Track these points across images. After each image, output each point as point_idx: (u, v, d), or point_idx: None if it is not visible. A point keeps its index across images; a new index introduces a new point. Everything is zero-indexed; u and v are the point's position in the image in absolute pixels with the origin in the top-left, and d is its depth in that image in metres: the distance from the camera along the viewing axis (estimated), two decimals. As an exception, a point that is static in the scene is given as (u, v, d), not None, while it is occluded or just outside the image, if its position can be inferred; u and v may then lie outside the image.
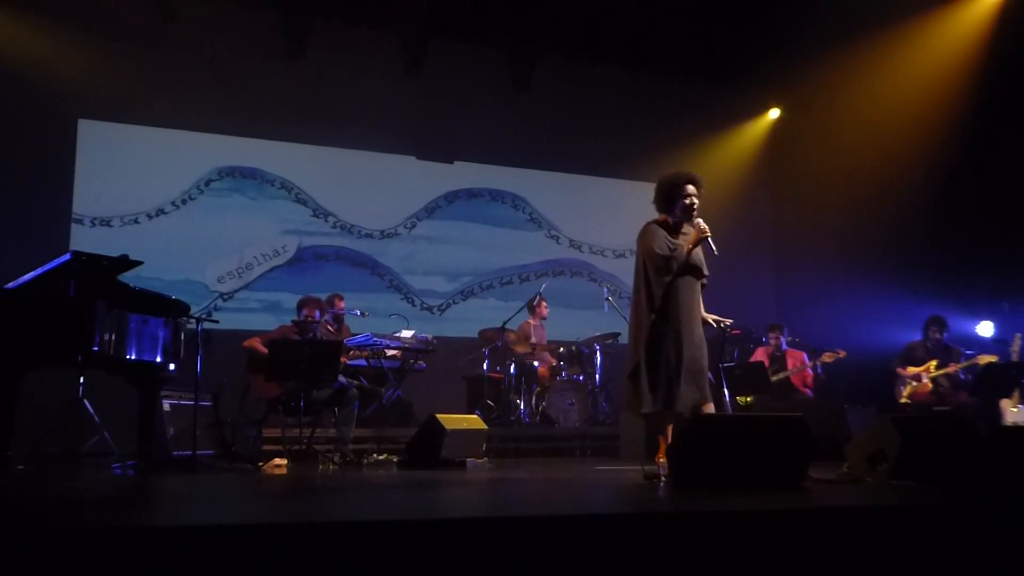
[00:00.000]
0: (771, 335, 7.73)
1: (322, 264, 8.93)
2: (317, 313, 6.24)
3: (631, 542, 2.30)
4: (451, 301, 9.39)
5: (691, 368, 4.10)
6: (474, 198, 9.68)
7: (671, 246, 4.20)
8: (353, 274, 9.01)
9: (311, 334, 6.17)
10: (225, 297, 8.51)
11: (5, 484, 3.90)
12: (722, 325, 4.42)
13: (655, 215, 4.39)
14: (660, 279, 4.15)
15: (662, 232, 4.25)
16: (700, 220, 4.22)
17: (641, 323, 4.19)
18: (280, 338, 6.05)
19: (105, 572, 1.92)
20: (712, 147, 10.08)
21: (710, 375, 4.33)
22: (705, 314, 4.33)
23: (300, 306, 6.29)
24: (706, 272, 4.32)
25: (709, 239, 4.18)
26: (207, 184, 8.68)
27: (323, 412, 6.01)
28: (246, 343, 6.09)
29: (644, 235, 4.30)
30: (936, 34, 8.05)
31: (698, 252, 4.27)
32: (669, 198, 4.30)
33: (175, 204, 8.52)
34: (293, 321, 6.24)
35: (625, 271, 9.82)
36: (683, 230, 4.30)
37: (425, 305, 9.28)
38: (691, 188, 4.27)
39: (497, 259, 9.66)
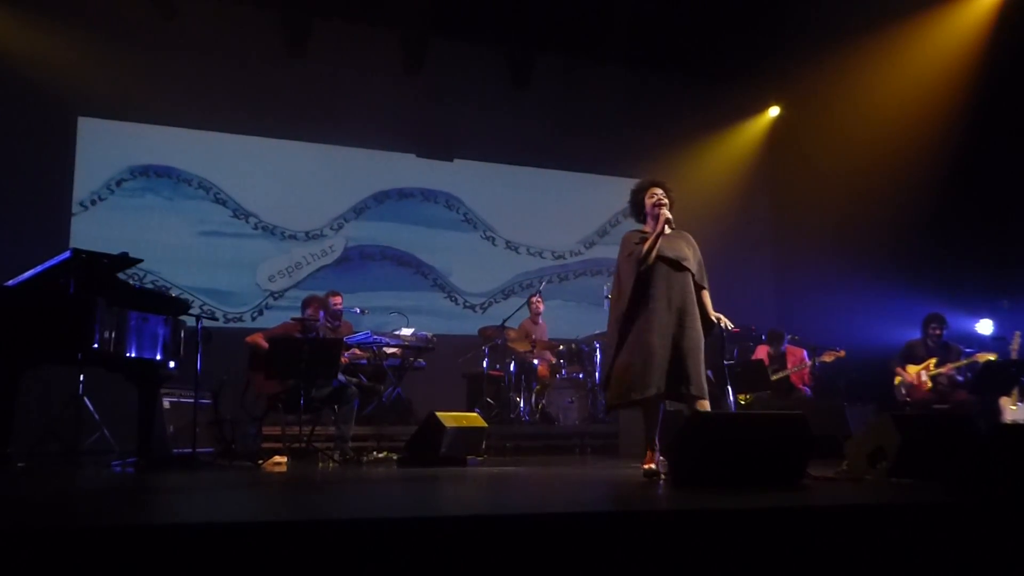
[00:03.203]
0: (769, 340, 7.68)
1: (368, 263, 9.09)
2: (322, 314, 6.27)
3: (631, 540, 2.31)
4: (492, 300, 9.53)
5: (653, 357, 4.08)
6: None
7: (635, 243, 4.29)
8: (398, 273, 9.17)
9: (313, 333, 6.18)
10: (276, 296, 8.63)
11: (5, 482, 3.90)
12: (722, 323, 4.42)
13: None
14: (631, 276, 4.22)
15: (634, 236, 4.36)
16: (662, 210, 4.28)
17: (616, 318, 4.25)
18: (282, 335, 6.05)
19: (105, 570, 1.92)
20: (712, 145, 10.08)
21: (710, 373, 4.30)
22: (714, 313, 4.34)
23: (305, 305, 6.31)
24: (687, 265, 4.25)
25: (665, 216, 4.22)
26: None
27: (322, 410, 6.01)
28: (249, 338, 6.09)
29: (621, 243, 4.45)
30: (935, 33, 8.05)
31: (677, 246, 4.28)
32: (638, 204, 4.43)
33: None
34: (294, 319, 6.25)
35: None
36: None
37: (468, 304, 9.40)
38: (655, 190, 4.37)
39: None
